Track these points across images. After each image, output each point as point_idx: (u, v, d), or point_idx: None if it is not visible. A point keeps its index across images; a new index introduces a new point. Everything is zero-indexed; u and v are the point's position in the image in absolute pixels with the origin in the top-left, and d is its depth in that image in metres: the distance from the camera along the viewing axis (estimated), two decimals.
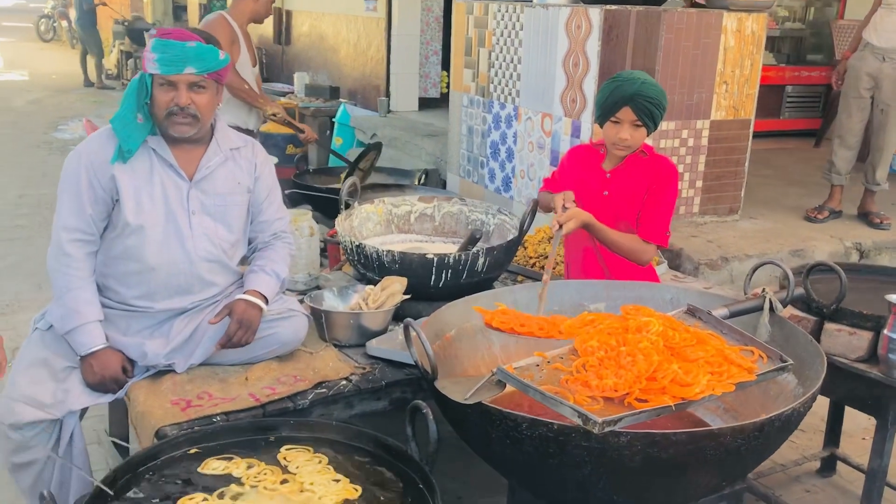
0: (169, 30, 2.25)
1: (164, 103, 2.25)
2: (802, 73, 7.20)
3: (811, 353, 2.07)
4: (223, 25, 4.29)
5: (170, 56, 2.19)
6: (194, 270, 2.37)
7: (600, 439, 1.65)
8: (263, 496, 1.74)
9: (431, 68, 8.36)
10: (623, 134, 2.65)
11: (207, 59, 2.24)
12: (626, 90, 2.61)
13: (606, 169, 2.81)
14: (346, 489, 1.76)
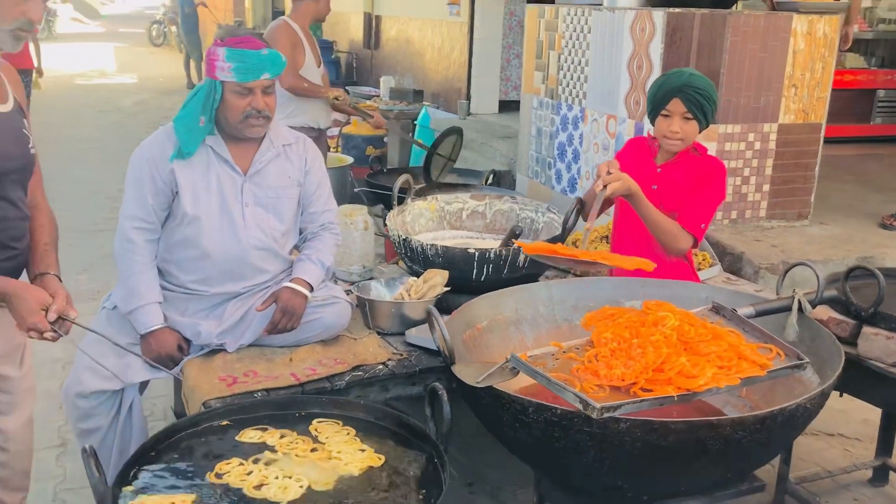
0: (239, 38, 2.40)
1: (240, 108, 2.42)
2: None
3: (833, 355, 2.07)
4: (286, 30, 4.54)
5: (247, 65, 2.36)
6: (246, 258, 2.55)
7: (601, 425, 1.72)
8: (294, 462, 1.88)
9: (513, 71, 8.44)
10: (674, 126, 2.68)
11: (278, 64, 2.42)
12: (674, 82, 2.66)
13: (658, 163, 2.85)
14: (371, 458, 1.89)
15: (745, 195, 4.26)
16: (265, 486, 1.81)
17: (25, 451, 2.22)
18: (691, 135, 2.75)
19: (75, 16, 34.57)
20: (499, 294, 2.47)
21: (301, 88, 4.52)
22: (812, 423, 3.40)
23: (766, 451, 1.92)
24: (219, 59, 2.37)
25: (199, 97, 2.42)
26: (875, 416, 3.09)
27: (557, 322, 2.52)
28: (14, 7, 1.84)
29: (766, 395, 2.24)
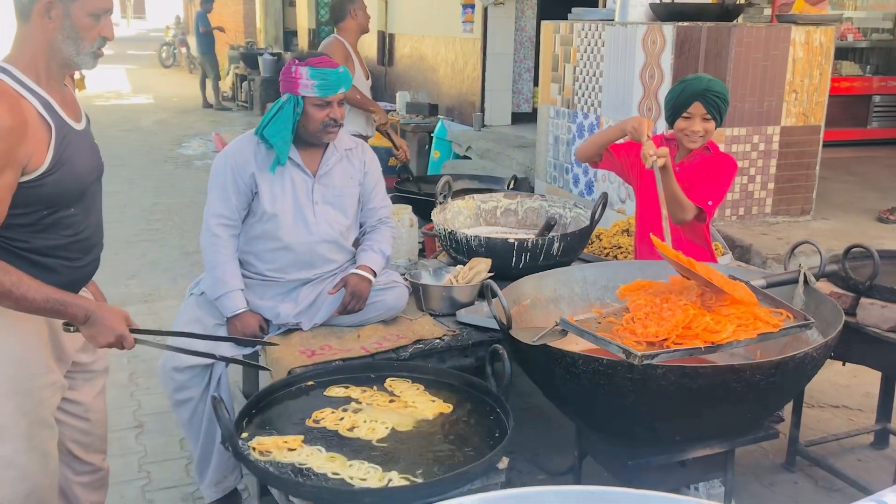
0: (318, 59, 2.76)
1: (320, 118, 2.77)
2: (889, 83, 7.30)
3: (836, 317, 2.40)
4: (339, 47, 4.96)
5: (329, 81, 2.73)
6: (317, 249, 2.89)
7: (640, 371, 2.06)
8: (377, 410, 2.23)
9: (524, 85, 8.83)
10: (696, 126, 3.02)
11: (349, 79, 2.80)
12: (696, 87, 2.98)
13: (676, 161, 3.19)
14: (441, 406, 2.23)
15: (751, 193, 4.60)
16: (356, 427, 2.15)
17: (102, 419, 2.45)
18: (711, 132, 3.09)
19: None
20: (540, 276, 2.82)
21: (354, 99, 4.96)
22: (819, 396, 3.76)
23: (780, 395, 2.26)
24: (302, 77, 2.72)
25: (286, 112, 2.76)
26: (876, 389, 3.42)
27: (591, 301, 2.85)
28: (92, 30, 2.00)
29: (779, 352, 2.57)
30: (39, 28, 1.98)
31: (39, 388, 2.13)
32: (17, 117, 1.91)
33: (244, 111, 14.75)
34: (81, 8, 1.97)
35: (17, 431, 2.09)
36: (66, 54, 2.01)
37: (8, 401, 2.07)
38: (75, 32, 1.99)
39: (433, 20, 9.54)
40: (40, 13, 1.96)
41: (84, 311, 2.05)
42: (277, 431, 2.13)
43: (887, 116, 7.36)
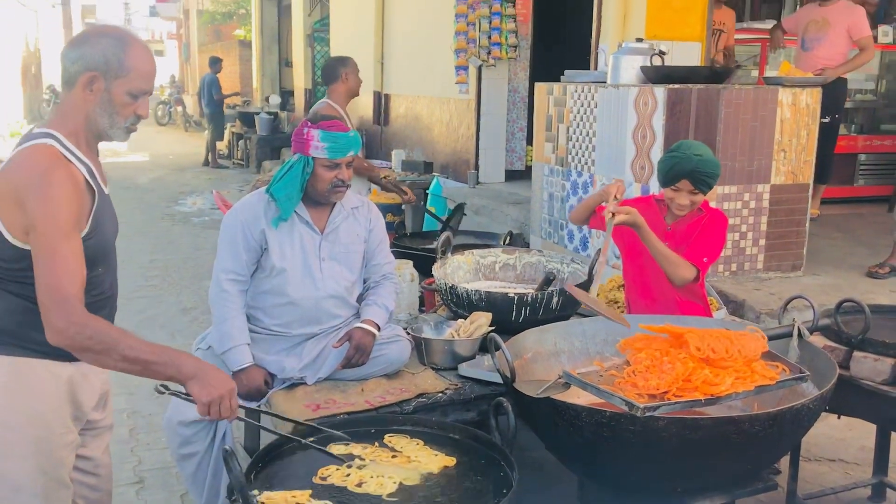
0: (329, 122, 2.87)
1: (328, 179, 2.87)
2: (875, 141, 7.48)
3: (830, 370, 2.47)
4: (329, 111, 5.05)
5: (339, 144, 2.84)
6: (323, 305, 2.96)
7: (643, 423, 2.11)
8: (381, 466, 2.26)
9: (517, 143, 9.00)
10: (682, 201, 3.12)
11: (358, 143, 2.90)
12: (684, 167, 3.05)
13: (668, 223, 3.28)
14: (445, 459, 2.27)
15: (743, 249, 4.70)
16: (364, 483, 2.18)
17: (109, 474, 2.46)
18: (697, 204, 3.19)
19: None
20: (541, 330, 2.88)
21: (362, 168, 5.09)
22: (815, 450, 3.80)
23: (778, 446, 2.31)
24: (314, 139, 2.83)
25: (295, 171, 2.85)
26: (872, 442, 3.46)
27: (591, 354, 2.90)
28: (128, 108, 2.09)
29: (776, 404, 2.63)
30: (81, 98, 2.07)
31: (59, 447, 2.15)
32: (76, 182, 2.01)
33: (240, 169, 14.91)
34: (122, 86, 2.06)
35: (34, 491, 2.10)
36: (100, 126, 2.09)
37: (28, 461, 2.09)
38: (112, 107, 2.07)
39: (428, 81, 9.76)
40: (83, 84, 2.05)
41: (193, 366, 2.05)
42: (285, 487, 2.16)
43: (873, 174, 7.52)
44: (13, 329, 2.07)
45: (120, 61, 2.05)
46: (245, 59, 20.15)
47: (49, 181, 1.96)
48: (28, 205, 1.96)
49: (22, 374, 2.07)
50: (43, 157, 2.01)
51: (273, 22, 17.90)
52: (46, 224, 1.95)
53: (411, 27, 10.31)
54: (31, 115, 25.77)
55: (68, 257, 1.97)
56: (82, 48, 2.06)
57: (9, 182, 2.00)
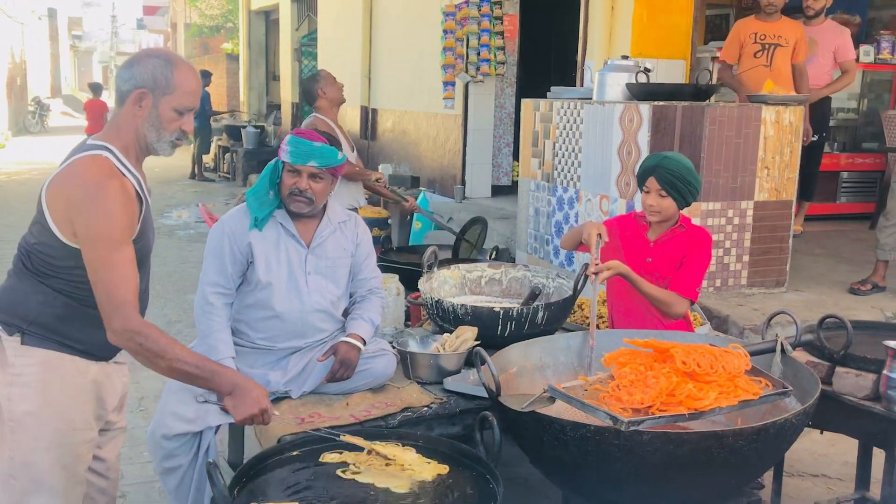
0: (303, 131, 2.93)
1: (287, 185, 2.89)
2: (857, 160, 7.57)
3: (812, 385, 2.49)
4: (321, 125, 5.07)
5: (299, 151, 2.84)
6: (308, 319, 2.95)
7: (627, 437, 2.11)
8: (377, 472, 2.26)
9: (503, 159, 9.04)
10: (649, 201, 3.17)
11: (328, 156, 2.87)
12: (649, 163, 3.17)
13: (651, 239, 3.31)
14: (438, 467, 2.28)
15: (727, 265, 4.73)
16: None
17: (117, 478, 2.56)
18: (667, 209, 3.21)
19: (65, 110, 35.47)
20: (526, 344, 2.89)
21: (352, 172, 5.11)
22: (798, 465, 3.82)
23: (761, 461, 2.32)
24: (283, 142, 2.88)
25: (266, 173, 2.89)
26: (854, 457, 3.48)
27: (575, 369, 2.91)
28: (174, 123, 2.23)
29: (760, 419, 2.64)
30: (131, 114, 2.21)
31: (79, 443, 2.26)
32: (128, 193, 2.16)
33: (226, 182, 14.88)
34: (168, 103, 2.21)
35: (53, 486, 2.21)
36: (148, 140, 2.23)
37: (49, 454, 2.19)
38: (159, 123, 2.22)
39: (415, 96, 9.80)
40: (133, 101, 2.20)
41: (231, 382, 2.26)
42: (268, 500, 2.15)
43: (855, 192, 7.61)
44: (50, 324, 2.20)
45: (167, 80, 2.19)
46: (232, 72, 20.16)
47: (105, 193, 2.10)
48: (84, 214, 2.10)
49: (55, 368, 2.20)
50: (99, 168, 2.14)
51: (261, 36, 17.93)
52: (103, 234, 2.10)
53: (399, 42, 10.36)
54: (16, 126, 25.64)
55: (124, 265, 2.13)
56: (133, 68, 2.21)
57: (65, 188, 2.15)
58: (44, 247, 2.18)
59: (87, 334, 2.24)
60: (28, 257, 2.22)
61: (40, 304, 2.20)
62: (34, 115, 26.75)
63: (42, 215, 2.18)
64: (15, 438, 2.19)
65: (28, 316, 2.20)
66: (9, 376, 2.19)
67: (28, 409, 2.19)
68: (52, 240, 2.16)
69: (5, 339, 2.20)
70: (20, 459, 2.19)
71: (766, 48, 5.82)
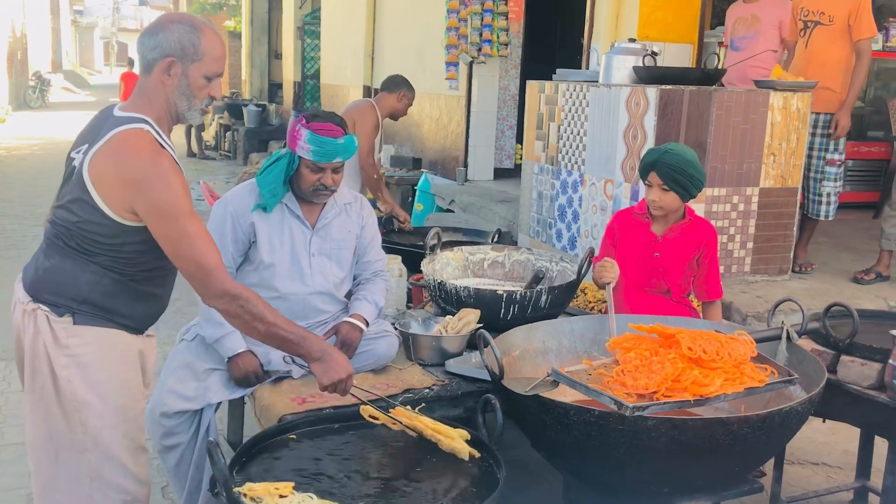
0: (322, 125, 2.78)
1: (312, 181, 2.82)
2: (862, 148, 7.52)
3: (818, 373, 2.47)
4: (373, 114, 5.09)
5: (324, 150, 2.76)
6: (310, 301, 2.93)
7: (632, 422, 2.10)
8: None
9: (506, 141, 8.99)
10: (652, 196, 3.14)
11: (350, 150, 2.82)
12: (651, 157, 3.15)
13: (657, 233, 3.28)
14: (461, 433, 2.30)
15: (731, 251, 4.71)
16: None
17: None
18: (670, 204, 3.19)
19: (66, 85, 35.30)
20: (529, 327, 2.87)
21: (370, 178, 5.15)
22: (799, 454, 3.81)
23: (765, 448, 2.30)
24: (301, 138, 2.77)
25: (280, 165, 2.82)
26: (855, 447, 3.47)
27: (578, 353, 2.90)
28: (204, 90, 2.20)
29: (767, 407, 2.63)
30: (159, 83, 2.17)
31: (138, 414, 2.33)
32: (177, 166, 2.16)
33: (227, 160, 14.82)
34: (198, 70, 2.17)
35: (125, 458, 2.26)
36: (179, 109, 2.21)
37: (117, 429, 2.24)
38: (189, 91, 2.19)
39: (418, 77, 9.69)
40: (162, 70, 2.16)
41: (320, 348, 2.33)
42: (268, 479, 2.13)
43: (860, 180, 7.57)
44: (100, 301, 2.19)
45: (195, 46, 2.15)
46: (234, 50, 20.02)
47: (164, 169, 2.09)
48: (147, 191, 2.07)
49: (109, 344, 2.22)
50: (147, 143, 2.11)
51: (263, 13, 17.80)
52: (173, 208, 2.08)
53: (402, 22, 10.28)
54: (17, 101, 25.52)
55: (201, 233, 2.14)
56: (158, 36, 2.15)
57: (115, 166, 2.09)
58: (90, 225, 2.13)
59: (132, 309, 2.25)
60: (70, 237, 2.16)
61: (90, 283, 2.17)
62: (35, 89, 26.61)
63: (86, 193, 2.10)
64: (80, 417, 2.19)
65: (79, 296, 2.17)
66: (64, 358, 2.17)
67: (90, 387, 2.19)
68: (100, 218, 2.11)
69: (55, 321, 2.17)
70: (90, 438, 2.21)
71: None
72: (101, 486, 2.23)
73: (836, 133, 4.97)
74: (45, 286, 2.19)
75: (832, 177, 5.09)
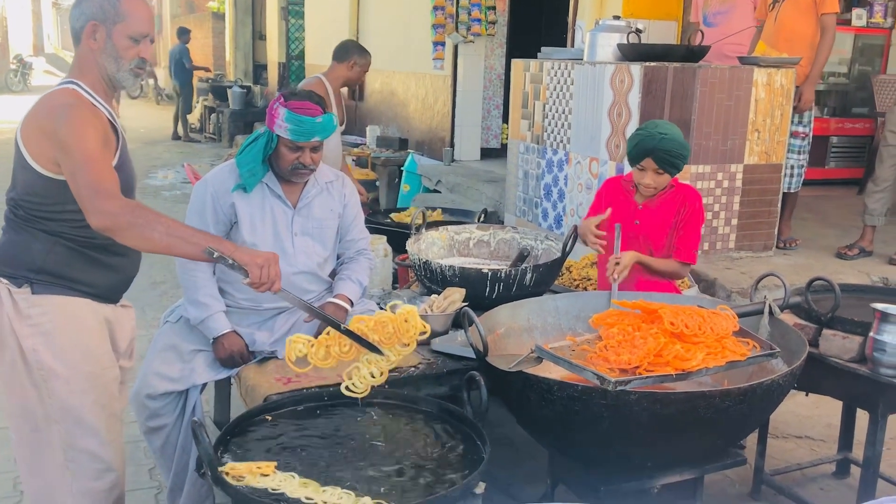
0: (300, 103, 2.75)
1: (290, 160, 2.80)
2: (846, 124, 7.55)
3: (800, 347, 2.49)
4: (318, 87, 4.97)
5: (302, 129, 2.73)
6: (293, 280, 2.92)
7: (614, 397, 2.11)
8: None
9: (493, 121, 8.97)
10: (647, 180, 3.14)
11: (328, 128, 2.79)
12: (647, 144, 3.09)
13: (638, 202, 3.29)
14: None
15: (715, 228, 4.73)
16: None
17: None
18: (663, 184, 3.20)
19: (48, 69, 34.90)
20: (514, 305, 2.87)
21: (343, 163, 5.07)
22: (783, 427, 3.85)
23: (748, 422, 2.32)
24: (278, 117, 2.74)
25: (258, 144, 2.79)
26: (838, 420, 3.51)
27: (563, 330, 2.90)
28: (130, 50, 2.25)
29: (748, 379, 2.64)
30: (88, 49, 2.24)
31: (110, 381, 2.35)
32: (99, 116, 2.20)
33: (212, 143, 14.72)
34: (122, 31, 2.23)
35: (95, 425, 2.29)
36: (109, 72, 2.25)
37: (87, 396, 2.27)
38: (116, 52, 2.24)
39: (404, 57, 9.68)
40: (87, 35, 2.23)
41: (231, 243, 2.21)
42: (254, 459, 2.13)
43: (844, 157, 7.60)
44: (56, 270, 2.23)
45: (116, 8, 2.22)
46: (218, 31, 19.83)
47: (75, 112, 2.13)
48: (57, 134, 2.11)
49: (71, 311, 2.25)
50: (66, 94, 2.19)
51: None
52: (78, 142, 2.10)
53: (387, 1, 10.20)
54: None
55: (103, 165, 2.13)
56: (82, 5, 2.23)
57: (36, 118, 2.17)
58: (29, 189, 2.21)
59: (93, 276, 2.29)
60: (18, 207, 2.25)
61: (42, 252, 2.23)
62: (16, 73, 26.32)
63: (21, 157, 2.19)
64: (48, 386, 2.24)
65: (33, 265, 2.23)
66: (27, 328, 2.23)
67: (55, 356, 2.24)
68: (35, 178, 2.18)
69: (15, 293, 2.23)
70: (58, 405, 2.25)
71: None
72: (75, 455, 2.28)
73: (800, 106, 4.98)
74: (3, 260, 2.25)
75: (796, 149, 5.10)
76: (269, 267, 2.18)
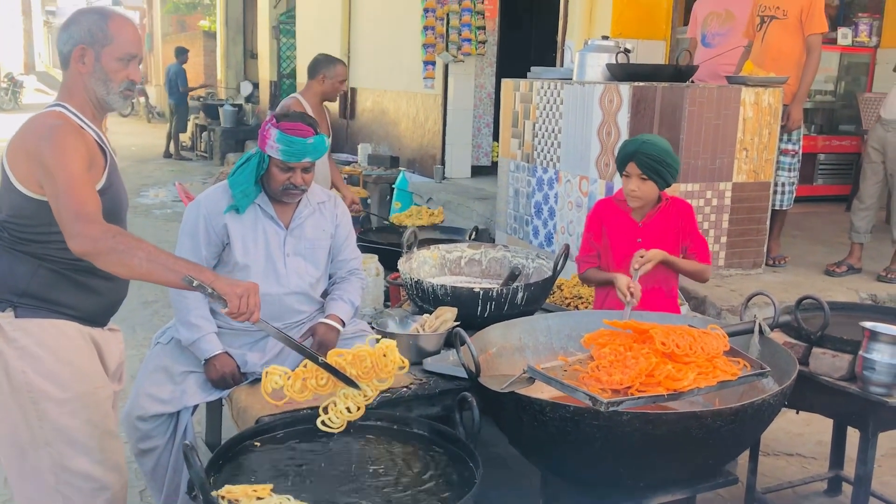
0: (292, 124, 2.77)
1: (281, 181, 2.81)
2: (834, 142, 7.61)
3: (790, 365, 2.50)
4: (295, 106, 4.95)
5: (293, 150, 2.75)
6: (286, 301, 2.93)
7: (606, 418, 2.12)
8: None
9: (483, 139, 9.01)
10: (630, 186, 3.17)
11: (320, 149, 2.81)
12: (629, 148, 3.17)
13: (638, 220, 3.31)
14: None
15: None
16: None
17: None
18: (648, 193, 3.22)
19: (39, 87, 34.89)
20: (506, 325, 2.88)
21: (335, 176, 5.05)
22: (774, 445, 3.86)
23: (739, 441, 2.33)
24: (270, 137, 2.76)
25: (251, 165, 2.81)
26: (829, 437, 3.52)
27: (555, 350, 2.91)
28: (120, 73, 2.25)
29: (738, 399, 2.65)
30: (76, 73, 2.24)
31: (103, 400, 2.33)
32: (85, 139, 2.19)
33: (203, 161, 14.73)
34: (110, 54, 2.24)
35: (90, 445, 2.27)
36: (99, 94, 2.25)
37: (78, 416, 2.26)
38: (105, 75, 2.24)
39: (395, 76, 9.73)
40: (76, 59, 2.23)
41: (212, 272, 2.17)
42: (246, 482, 2.13)
43: (832, 174, 7.66)
44: (41, 293, 2.23)
45: (103, 31, 2.23)
46: (209, 50, 19.90)
47: (59, 133, 2.13)
48: (42, 154, 2.11)
49: (57, 333, 2.24)
50: (52, 117, 2.19)
51: (238, 13, 17.68)
52: (61, 165, 2.09)
53: (378, 20, 10.26)
54: None
55: (85, 188, 2.11)
56: (70, 28, 2.25)
57: (22, 140, 2.17)
58: (15, 211, 2.20)
59: (78, 300, 2.27)
60: (3, 230, 2.24)
61: (27, 275, 2.22)
62: (7, 91, 26.30)
63: (7, 180, 2.19)
64: (38, 408, 2.22)
65: (17, 288, 2.22)
66: (14, 351, 2.22)
67: (45, 377, 2.22)
68: (20, 200, 2.18)
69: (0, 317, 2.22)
70: (49, 427, 2.23)
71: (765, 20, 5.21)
72: (68, 477, 2.26)
73: (788, 124, 5.03)
74: None
75: (786, 166, 5.15)
76: (249, 297, 2.14)
